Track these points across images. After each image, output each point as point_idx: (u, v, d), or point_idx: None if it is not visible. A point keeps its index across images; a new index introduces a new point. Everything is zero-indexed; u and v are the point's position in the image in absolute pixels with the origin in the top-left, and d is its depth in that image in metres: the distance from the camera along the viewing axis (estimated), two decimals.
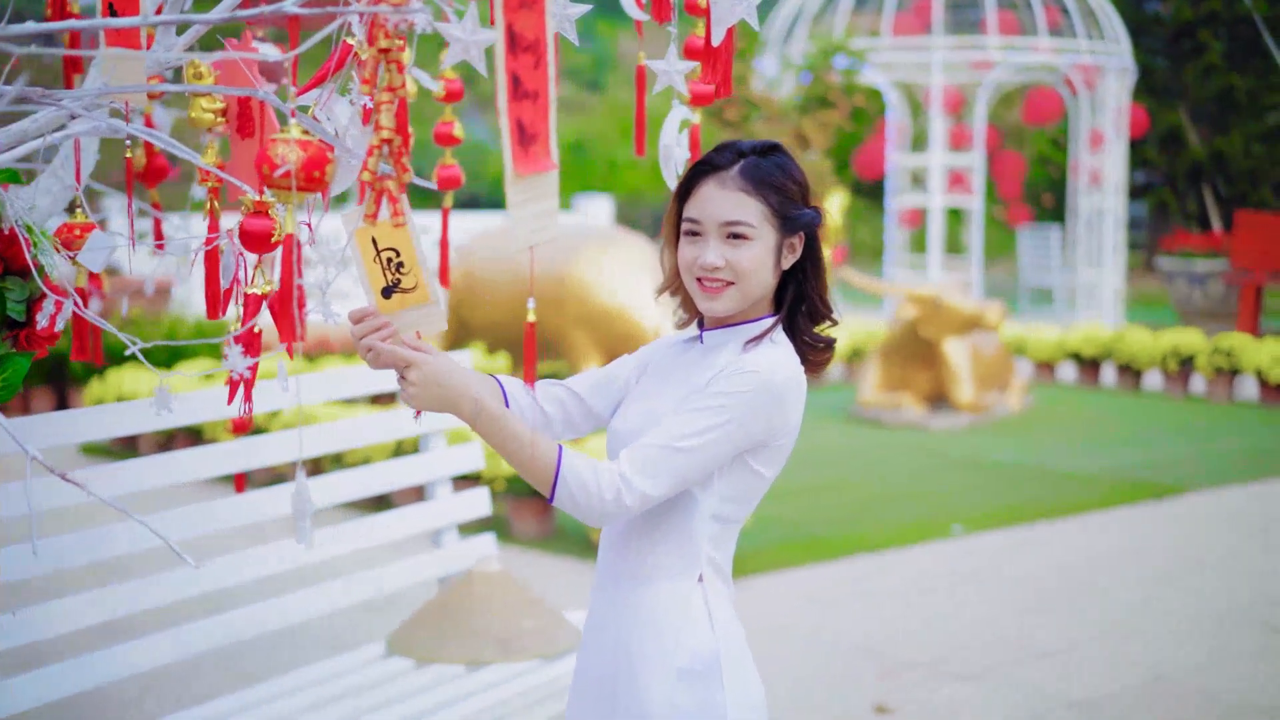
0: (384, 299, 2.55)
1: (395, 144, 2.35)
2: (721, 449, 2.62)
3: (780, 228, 2.70)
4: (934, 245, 17.99)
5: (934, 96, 18.00)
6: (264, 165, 2.32)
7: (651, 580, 2.72)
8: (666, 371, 2.82)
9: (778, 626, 6.65)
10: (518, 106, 2.27)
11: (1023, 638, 6.48)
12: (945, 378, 12.50)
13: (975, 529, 8.64)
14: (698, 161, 2.75)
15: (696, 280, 2.70)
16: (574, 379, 2.91)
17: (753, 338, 2.70)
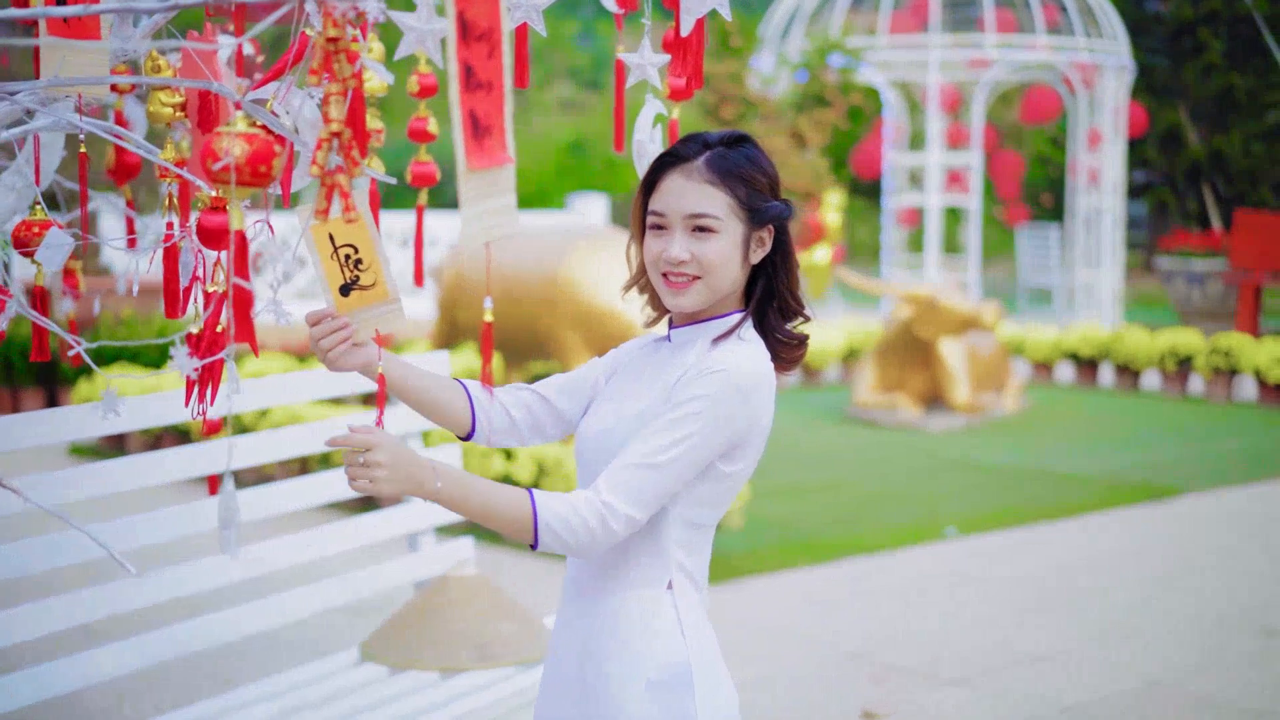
0: (342, 296, 2.48)
1: (346, 137, 2.26)
2: (698, 455, 2.53)
3: (748, 220, 2.61)
4: (931, 245, 17.90)
5: (931, 95, 17.91)
6: (207, 159, 2.23)
7: (619, 588, 2.63)
8: (637, 371, 2.73)
9: (771, 629, 6.56)
10: (471, 98, 2.19)
11: (1017, 641, 6.39)
12: (941, 378, 12.40)
13: (971, 531, 8.55)
14: (663, 153, 2.66)
15: (662, 275, 2.61)
16: (542, 382, 2.83)
17: (720, 335, 2.62)
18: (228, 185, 2.23)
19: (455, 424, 2.76)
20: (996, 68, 17.89)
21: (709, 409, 2.51)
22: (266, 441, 4.29)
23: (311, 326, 2.54)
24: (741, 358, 2.56)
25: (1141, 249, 28.18)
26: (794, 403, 13.66)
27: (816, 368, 14.87)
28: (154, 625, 4.10)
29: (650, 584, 2.62)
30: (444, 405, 2.73)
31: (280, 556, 4.25)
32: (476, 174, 2.19)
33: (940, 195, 18.15)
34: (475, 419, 2.75)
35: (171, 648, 3.92)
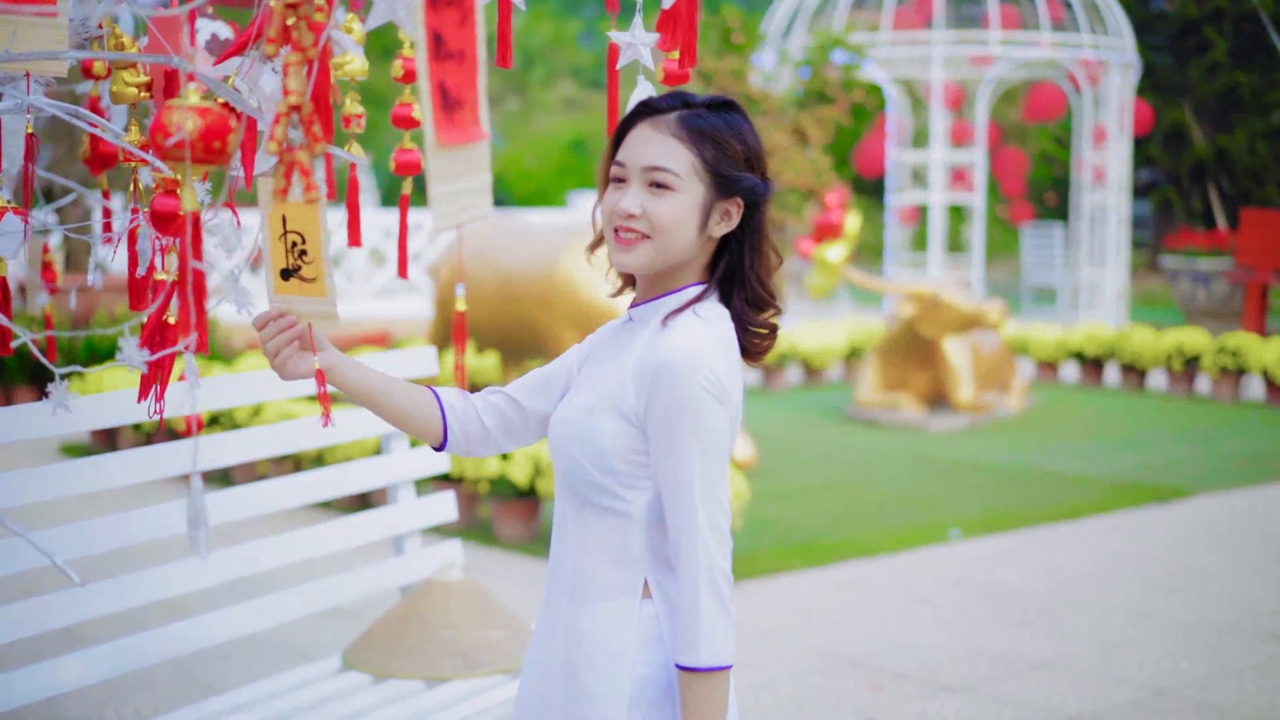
0: (282, 280, 2.34)
1: (306, 110, 2.10)
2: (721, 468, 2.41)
3: (712, 185, 2.44)
4: (935, 243, 17.74)
5: (934, 92, 17.75)
6: (158, 134, 2.07)
7: (591, 599, 2.48)
8: (603, 355, 2.58)
9: (769, 633, 6.40)
10: (440, 68, 2.02)
11: (1019, 648, 6.23)
12: (944, 378, 12.24)
13: (973, 533, 8.38)
14: (638, 104, 2.50)
15: (614, 231, 2.45)
16: (514, 383, 2.68)
17: (673, 310, 2.44)
18: (180, 162, 2.07)
19: (426, 433, 2.61)
20: (1000, 65, 17.72)
21: (693, 420, 2.37)
22: (257, 438, 4.14)
23: (259, 329, 2.43)
24: (695, 343, 2.38)
25: (1146, 248, 27.99)
26: (795, 402, 13.50)
27: (818, 367, 14.70)
28: (135, 629, 3.96)
29: (622, 594, 2.47)
30: (413, 413, 2.59)
31: (263, 559, 4.11)
32: (447, 150, 2.03)
33: (944, 193, 17.99)
34: (447, 427, 2.61)
35: (153, 652, 3.79)
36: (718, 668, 2.37)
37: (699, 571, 2.37)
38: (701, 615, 2.37)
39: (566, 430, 2.47)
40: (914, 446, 11.27)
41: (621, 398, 2.42)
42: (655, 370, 2.38)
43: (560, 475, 2.50)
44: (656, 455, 2.40)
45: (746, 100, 16.27)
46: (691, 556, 2.38)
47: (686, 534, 2.38)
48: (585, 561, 2.47)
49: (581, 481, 2.45)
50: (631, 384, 2.42)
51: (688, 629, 2.38)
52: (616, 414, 2.42)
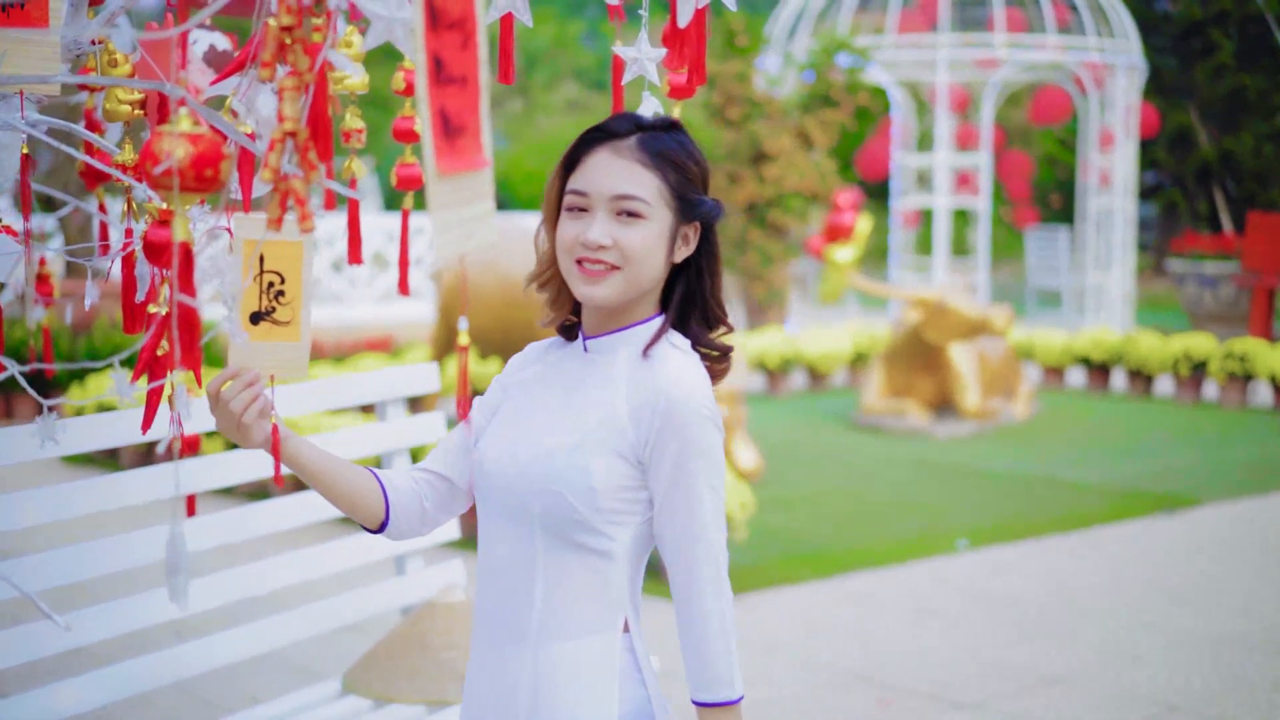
0: (250, 324, 2.23)
1: (301, 137, 2.03)
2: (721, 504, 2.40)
3: (677, 211, 2.38)
4: (939, 247, 17.66)
5: (939, 95, 17.67)
6: (147, 161, 2.00)
7: (564, 637, 2.38)
8: (547, 386, 2.47)
9: (773, 648, 6.32)
10: (441, 93, 1.95)
11: (1027, 663, 6.15)
12: (950, 384, 12.17)
13: (980, 543, 8.31)
14: (590, 128, 2.41)
15: (576, 262, 2.36)
16: (430, 459, 2.56)
17: (649, 343, 2.38)
18: (168, 191, 1.99)
19: (367, 514, 2.49)
20: (1006, 68, 17.64)
21: (704, 456, 2.35)
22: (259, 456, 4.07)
23: (217, 390, 2.26)
24: (690, 376, 2.36)
25: (1152, 251, 27.91)
26: (800, 409, 13.42)
27: (824, 373, 14.62)
28: (139, 651, 3.90)
29: (607, 628, 2.40)
30: (357, 493, 2.47)
31: (266, 579, 4.05)
32: (448, 179, 1.96)
33: (948, 196, 17.91)
34: (390, 510, 2.50)
35: (156, 674, 3.75)
36: (741, 698, 2.39)
37: (722, 606, 2.37)
38: (728, 650, 2.37)
39: (545, 469, 2.35)
40: (920, 453, 11.20)
41: (616, 435, 2.35)
42: (666, 408, 2.33)
43: (533, 514, 2.36)
44: (666, 491, 2.35)
45: (750, 104, 16.21)
46: (713, 592, 2.36)
47: (703, 569, 2.36)
48: (558, 600, 2.37)
49: (566, 520, 2.35)
50: (629, 421, 2.34)
51: (715, 665, 2.37)
52: (610, 452, 2.34)
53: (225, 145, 2.02)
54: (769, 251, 16.17)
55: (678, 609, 2.40)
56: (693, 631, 2.37)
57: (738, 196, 16.17)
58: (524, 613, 2.40)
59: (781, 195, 16.10)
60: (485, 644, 2.45)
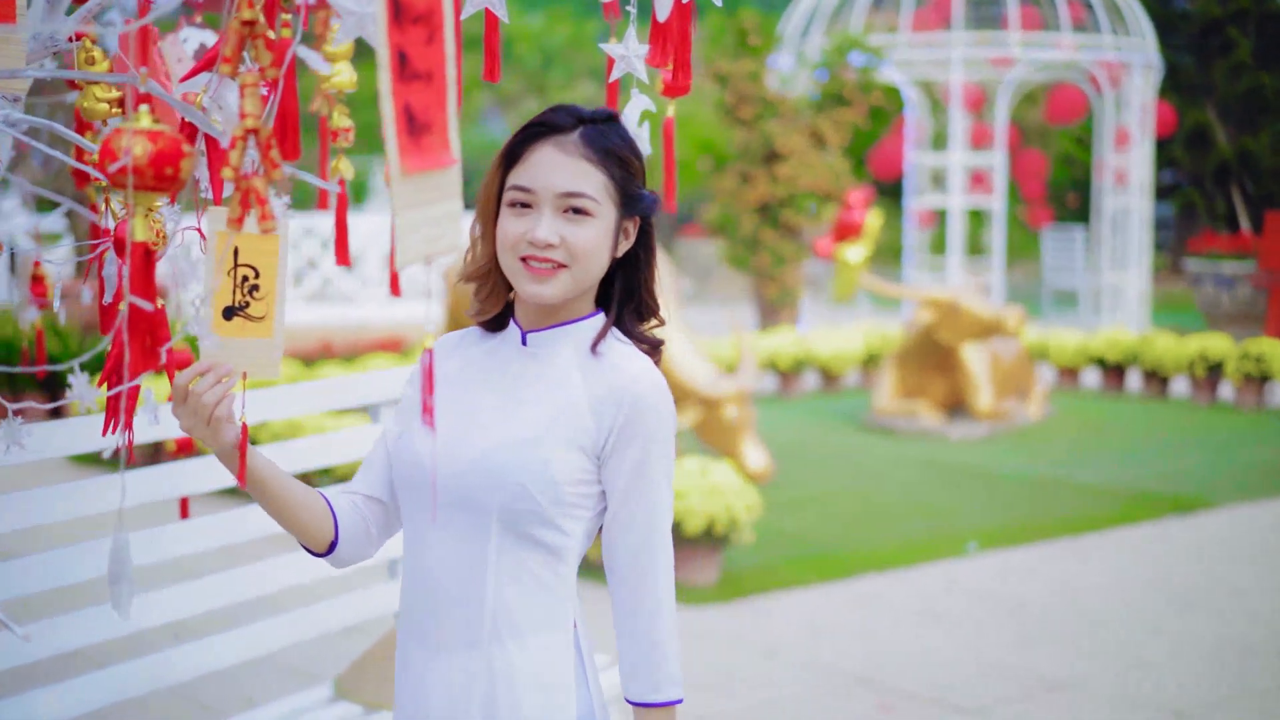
0: (223, 319, 2.17)
1: (263, 134, 1.98)
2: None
3: (620, 207, 2.35)
4: (954, 247, 17.57)
5: (953, 94, 17.58)
6: (105, 159, 1.95)
7: (520, 634, 2.33)
8: (477, 378, 2.40)
9: (776, 650, 6.26)
10: (405, 89, 1.90)
11: (1032, 667, 6.08)
12: (963, 385, 12.09)
13: (990, 545, 8.23)
14: (531, 122, 2.36)
15: (521, 260, 2.31)
16: (359, 481, 2.48)
17: (596, 338, 2.36)
18: (124, 190, 1.94)
19: (316, 535, 2.40)
20: (1021, 66, 17.54)
21: (665, 452, 2.35)
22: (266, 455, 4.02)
23: (184, 383, 2.16)
24: (652, 371, 2.35)
25: (1168, 251, 27.76)
26: (812, 409, 13.35)
27: (836, 373, 14.54)
28: (135, 654, 3.87)
29: (558, 627, 2.36)
30: (307, 511, 2.37)
31: (264, 581, 4.02)
32: (412, 178, 1.91)
33: (963, 196, 17.81)
34: (339, 532, 2.41)
35: (153, 677, 3.73)
36: (681, 699, 2.39)
37: (669, 604, 2.37)
38: (673, 649, 2.38)
39: (504, 462, 2.29)
40: (932, 455, 11.12)
41: (576, 428, 2.31)
42: (633, 402, 2.31)
43: (489, 509, 2.30)
44: (627, 485, 2.34)
45: (763, 103, 16.14)
46: (666, 587, 2.37)
47: (659, 563, 2.37)
48: (511, 595, 2.32)
49: (525, 513, 2.30)
50: (590, 415, 2.31)
51: (667, 663, 2.38)
52: (569, 444, 2.31)
53: (186, 143, 1.98)
54: (781, 252, 16.09)
55: (625, 605, 2.37)
56: (645, 628, 2.35)
57: (750, 196, 16.09)
58: (473, 614, 2.33)
59: (794, 195, 16.03)
60: (424, 649, 2.37)
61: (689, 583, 7.18)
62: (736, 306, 19.56)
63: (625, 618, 2.38)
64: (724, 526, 7.04)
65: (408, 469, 2.37)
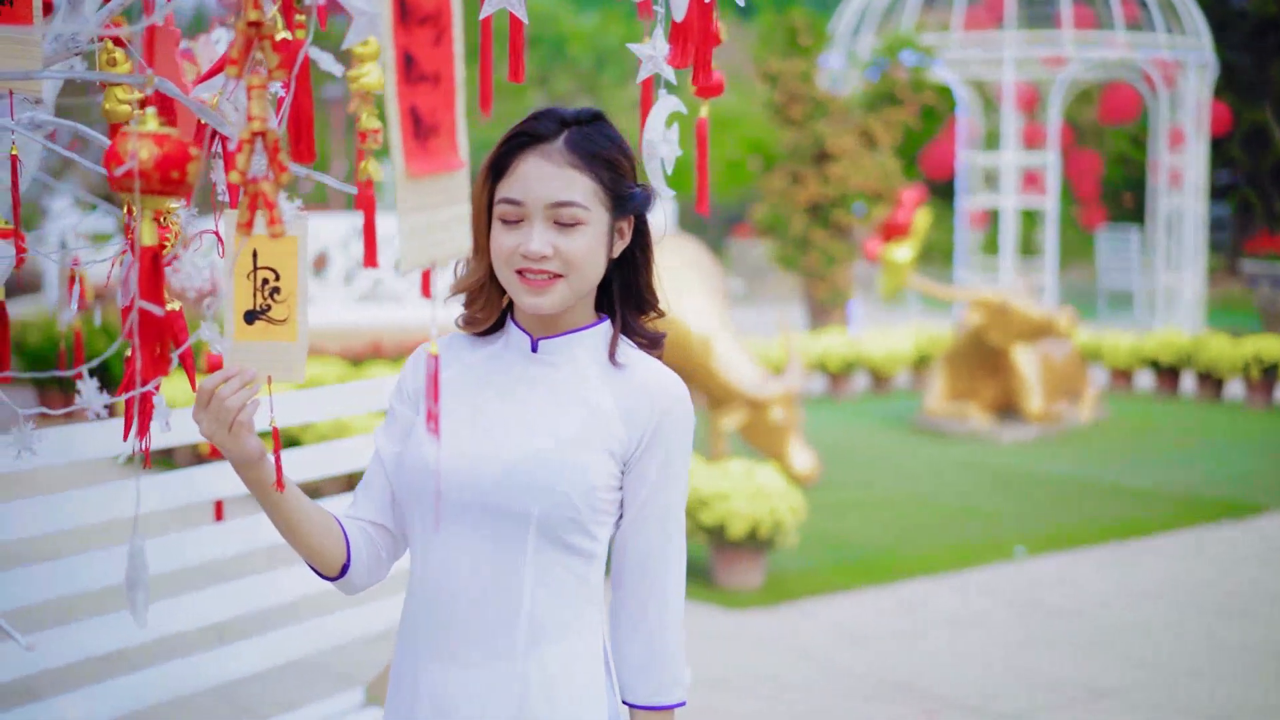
0: (245, 323, 2.14)
1: (271, 137, 1.95)
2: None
3: (612, 208, 2.31)
4: (1006, 248, 17.44)
5: (1006, 93, 17.45)
6: (111, 163, 1.93)
7: (553, 641, 2.29)
8: (486, 386, 2.36)
9: (819, 656, 6.21)
10: (411, 91, 1.86)
11: (1077, 676, 6.00)
12: (1014, 387, 11.99)
13: (1038, 550, 8.15)
14: (514, 132, 2.31)
15: (516, 273, 2.27)
16: (361, 506, 2.42)
17: (612, 348, 2.35)
18: (130, 193, 1.92)
19: (328, 557, 2.34)
20: (1074, 65, 17.40)
21: (686, 459, 2.37)
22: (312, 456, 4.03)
23: (208, 387, 2.12)
24: (672, 377, 2.35)
25: (1225, 252, 27.48)
26: (861, 411, 13.27)
27: (886, 374, 14.46)
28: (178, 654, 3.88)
29: (590, 633, 2.34)
30: (321, 531, 2.32)
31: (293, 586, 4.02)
32: (418, 181, 1.87)
33: (1015, 196, 17.68)
34: (351, 555, 2.36)
35: (196, 678, 3.77)
36: (684, 701, 2.38)
37: (679, 606, 2.38)
38: (681, 652, 2.38)
39: (545, 469, 2.26)
40: (982, 458, 11.03)
41: (609, 437, 2.30)
42: (665, 408, 2.32)
43: (528, 518, 2.26)
44: (651, 490, 2.33)
45: (813, 103, 16.06)
46: (676, 591, 2.37)
47: (673, 567, 2.37)
48: (546, 607, 2.29)
49: (564, 521, 2.27)
50: (620, 421, 2.30)
51: (674, 664, 2.37)
52: (603, 452, 2.29)
53: (193, 146, 1.95)
54: (831, 252, 16.02)
55: (633, 607, 2.36)
56: (655, 630, 2.35)
57: (800, 196, 16.02)
58: (507, 624, 2.29)
59: (845, 195, 15.95)
60: (443, 662, 2.31)
61: (732, 586, 7.14)
62: (787, 307, 19.48)
63: (632, 619, 2.36)
64: (768, 530, 6.99)
65: (421, 481, 2.32)
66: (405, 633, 2.37)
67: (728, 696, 5.74)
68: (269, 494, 2.26)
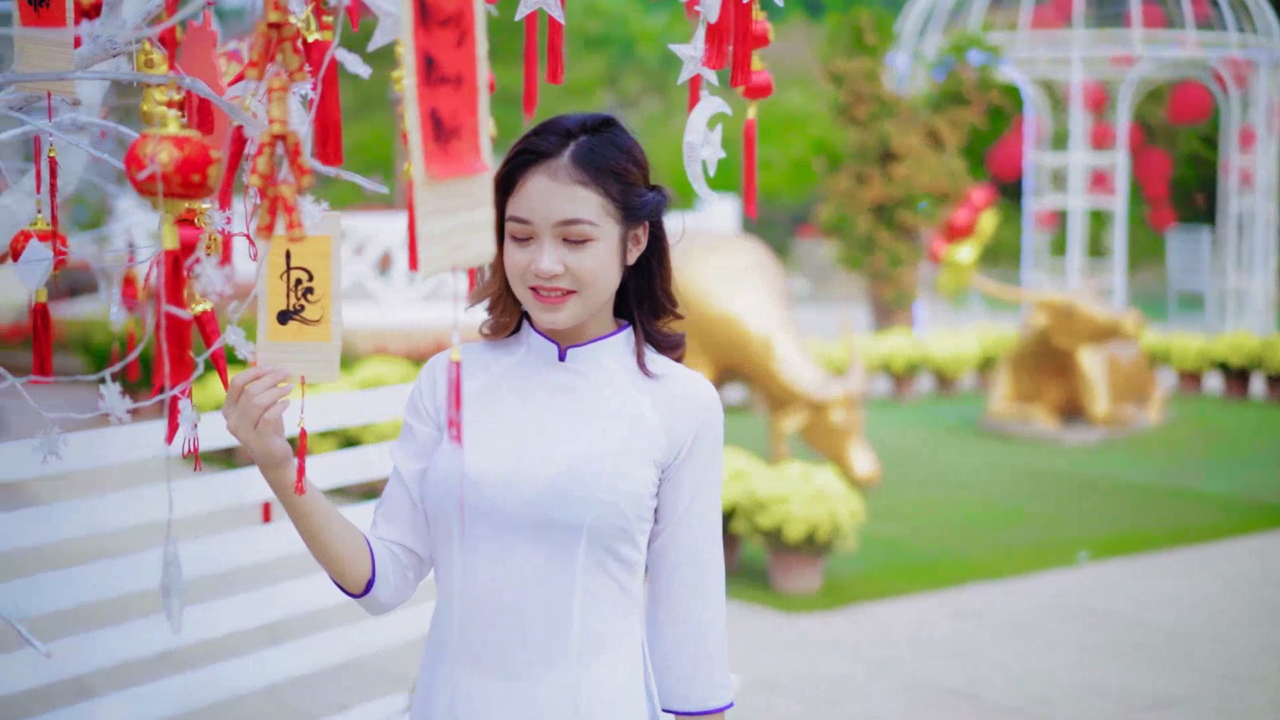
0: (278, 324, 2.11)
1: (292, 140, 1.93)
2: None
3: (623, 220, 2.27)
4: (1074, 249, 17.25)
5: (1074, 93, 17.26)
6: (131, 165, 1.91)
7: (602, 653, 2.28)
8: (515, 395, 2.33)
9: (874, 661, 6.14)
10: (432, 93, 1.83)
11: (1136, 684, 5.90)
12: (1079, 389, 11.85)
13: (1101, 555, 8.04)
14: (519, 149, 2.26)
15: (530, 289, 2.25)
16: (384, 527, 2.37)
17: (639, 357, 2.35)
18: (155, 196, 1.90)
19: (351, 572, 2.29)
20: (1143, 65, 17.19)
21: (720, 463, 2.38)
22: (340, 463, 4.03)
23: (240, 383, 2.10)
24: (707, 385, 2.37)
25: None
26: (925, 413, 13.17)
27: (951, 376, 14.34)
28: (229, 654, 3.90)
29: (635, 642, 2.34)
30: (347, 543, 2.28)
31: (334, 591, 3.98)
32: (439, 185, 1.84)
33: (1083, 197, 17.49)
34: (375, 573, 2.32)
35: (247, 679, 3.79)
36: (732, 703, 2.40)
37: (722, 610, 2.38)
38: (725, 655, 2.38)
39: (594, 478, 2.24)
40: (1045, 461, 10.91)
41: (651, 445, 2.29)
42: (705, 416, 2.34)
43: (579, 528, 2.24)
44: (691, 496, 2.33)
45: (878, 102, 15.95)
46: (717, 594, 2.37)
47: (713, 571, 2.37)
48: (595, 617, 2.28)
49: (613, 530, 2.26)
50: (660, 429, 2.30)
51: (720, 668, 2.38)
52: (646, 460, 2.29)
53: (215, 149, 1.93)
54: (897, 253, 15.91)
55: (675, 613, 2.35)
56: (697, 636, 2.35)
57: (865, 197, 15.92)
58: (558, 636, 2.27)
59: (910, 195, 15.83)
60: (485, 676, 2.28)
61: (790, 590, 7.09)
62: (852, 308, 19.37)
63: (675, 627, 2.35)
64: (826, 533, 6.93)
65: (453, 490, 2.28)
66: (438, 645, 2.34)
67: (780, 701, 5.69)
68: (292, 497, 2.22)
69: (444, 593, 2.33)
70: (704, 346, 9.16)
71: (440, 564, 2.34)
